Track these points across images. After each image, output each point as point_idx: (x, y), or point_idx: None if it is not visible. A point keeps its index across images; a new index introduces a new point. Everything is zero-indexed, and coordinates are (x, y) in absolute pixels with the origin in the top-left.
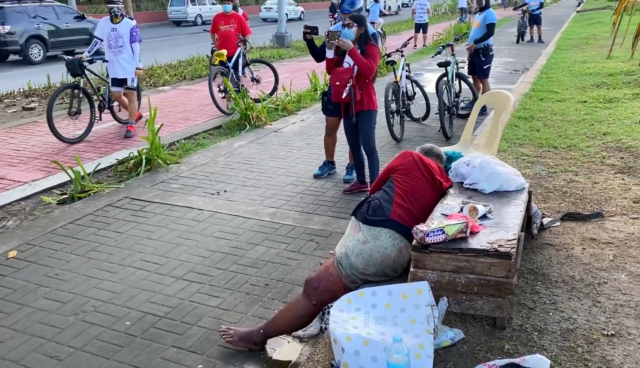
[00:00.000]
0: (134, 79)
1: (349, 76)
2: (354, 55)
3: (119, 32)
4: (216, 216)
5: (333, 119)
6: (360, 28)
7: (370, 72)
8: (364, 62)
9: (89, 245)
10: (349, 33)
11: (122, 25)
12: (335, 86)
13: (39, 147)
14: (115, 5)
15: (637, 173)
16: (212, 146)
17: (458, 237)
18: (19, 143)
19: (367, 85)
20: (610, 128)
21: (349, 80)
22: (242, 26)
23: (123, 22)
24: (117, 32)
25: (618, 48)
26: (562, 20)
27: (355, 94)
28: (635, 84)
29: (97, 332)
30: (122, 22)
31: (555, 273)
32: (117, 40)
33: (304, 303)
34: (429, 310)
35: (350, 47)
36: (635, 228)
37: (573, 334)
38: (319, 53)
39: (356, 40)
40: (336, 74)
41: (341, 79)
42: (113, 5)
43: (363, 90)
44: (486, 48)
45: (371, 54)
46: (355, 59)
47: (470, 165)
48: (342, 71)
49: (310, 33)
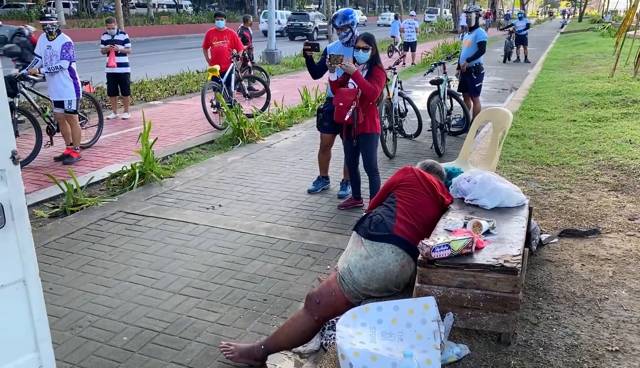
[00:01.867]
0: (71, 101)
1: (353, 97)
2: (357, 78)
3: (54, 50)
4: (212, 231)
5: (328, 136)
6: (373, 50)
7: (374, 95)
8: (367, 86)
9: (84, 258)
10: (364, 57)
11: (56, 42)
12: (338, 107)
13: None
14: (49, 21)
15: (630, 191)
16: (205, 161)
17: (464, 252)
18: None
19: (371, 108)
20: (601, 147)
21: (353, 102)
22: (235, 42)
23: (57, 39)
24: (52, 50)
25: (607, 69)
26: (547, 41)
27: (358, 117)
28: (623, 104)
29: (94, 348)
30: (57, 39)
31: (556, 289)
32: (51, 59)
33: (306, 318)
34: (435, 325)
35: (354, 71)
36: (632, 245)
37: (578, 350)
38: (317, 70)
39: (366, 62)
40: (340, 94)
41: (345, 100)
42: (46, 21)
43: (366, 112)
44: (478, 67)
45: (377, 76)
46: (358, 83)
47: (471, 181)
48: (346, 92)
49: (310, 50)
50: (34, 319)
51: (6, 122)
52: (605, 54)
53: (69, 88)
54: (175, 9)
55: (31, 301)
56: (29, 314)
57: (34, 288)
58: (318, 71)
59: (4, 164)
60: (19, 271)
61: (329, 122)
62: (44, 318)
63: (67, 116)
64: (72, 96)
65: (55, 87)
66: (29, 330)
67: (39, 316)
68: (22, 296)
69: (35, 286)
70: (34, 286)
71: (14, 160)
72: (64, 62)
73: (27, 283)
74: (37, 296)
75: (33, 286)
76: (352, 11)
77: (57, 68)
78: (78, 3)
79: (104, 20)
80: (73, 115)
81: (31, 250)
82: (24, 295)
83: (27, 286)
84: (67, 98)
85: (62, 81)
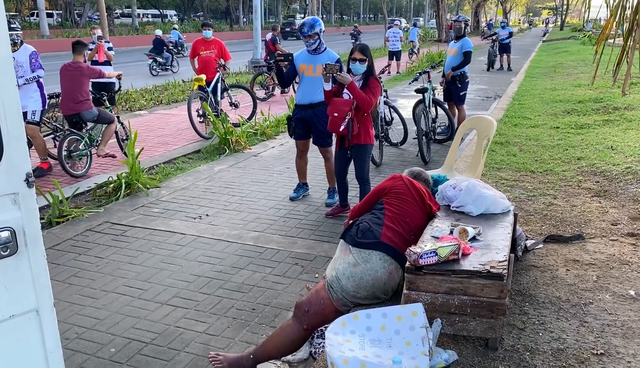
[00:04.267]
0: (35, 112)
1: (348, 108)
2: (352, 89)
3: (18, 60)
4: (199, 241)
5: (303, 142)
6: (369, 61)
7: (369, 106)
8: (362, 97)
9: (70, 270)
10: (360, 68)
11: (20, 53)
12: (332, 117)
13: None
14: (14, 32)
15: (612, 196)
16: (192, 170)
17: (450, 259)
18: None
19: (365, 119)
20: (583, 153)
21: (348, 112)
22: (223, 52)
23: (21, 49)
24: (16, 61)
25: (588, 76)
26: (529, 50)
27: (353, 128)
28: (604, 111)
29: (81, 360)
30: (21, 50)
31: (542, 294)
32: (16, 70)
33: (295, 327)
34: (423, 332)
35: (349, 81)
36: (615, 249)
37: (564, 354)
38: (288, 79)
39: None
40: (335, 104)
41: (339, 110)
42: (11, 32)
43: (361, 123)
44: (462, 75)
45: (372, 87)
46: (353, 93)
47: (457, 188)
48: (341, 102)
49: (283, 61)
50: (47, 351)
51: (21, 144)
52: (586, 62)
53: (34, 99)
54: (160, 18)
55: (44, 333)
56: (42, 346)
57: (48, 318)
58: (288, 80)
59: (17, 187)
60: (31, 301)
61: (301, 128)
62: (59, 350)
63: (27, 126)
64: (38, 106)
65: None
66: (42, 363)
67: (52, 348)
68: (35, 327)
69: (50, 316)
70: (48, 316)
71: (29, 183)
72: (40, 71)
73: (40, 313)
74: (51, 327)
75: (47, 317)
76: (318, 19)
77: (35, 78)
78: (62, 13)
79: (88, 30)
80: (34, 126)
81: (45, 278)
82: (36, 326)
83: (40, 316)
84: (31, 109)
85: (29, 91)
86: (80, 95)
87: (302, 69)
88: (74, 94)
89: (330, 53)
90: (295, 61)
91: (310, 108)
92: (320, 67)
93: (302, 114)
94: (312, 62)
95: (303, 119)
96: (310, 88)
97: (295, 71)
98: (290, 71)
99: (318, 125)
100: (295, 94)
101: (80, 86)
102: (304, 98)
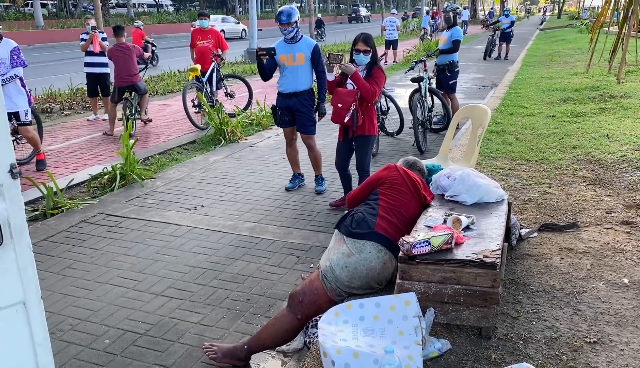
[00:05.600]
0: (27, 111)
1: (352, 99)
2: (356, 79)
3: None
4: (194, 231)
5: (290, 129)
6: (373, 52)
7: (373, 96)
8: (367, 87)
9: (64, 262)
10: (364, 59)
11: (1, 48)
12: (337, 108)
13: None
14: None
15: (607, 185)
16: (187, 161)
17: (444, 248)
18: None
19: (370, 109)
20: (579, 142)
21: (352, 103)
22: (220, 41)
23: (1, 44)
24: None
25: (584, 64)
26: (526, 38)
27: (358, 118)
28: (600, 99)
29: (75, 351)
30: (1, 45)
31: (536, 283)
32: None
33: (289, 317)
34: (416, 321)
35: (353, 71)
36: (609, 237)
37: (557, 342)
38: (268, 71)
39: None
40: (339, 95)
41: (344, 101)
42: None
43: (365, 114)
44: (451, 64)
45: (376, 77)
46: (357, 84)
47: (451, 178)
48: (345, 92)
49: (266, 55)
50: (35, 344)
51: (4, 135)
52: (583, 50)
53: (22, 96)
54: (155, 8)
55: (32, 325)
56: (30, 338)
57: (35, 310)
58: (269, 73)
59: (2, 178)
60: (18, 293)
61: (288, 116)
62: (47, 343)
63: (22, 129)
64: (27, 105)
65: (8, 98)
66: (30, 355)
67: (40, 340)
68: (22, 319)
69: (37, 308)
70: (35, 308)
71: (13, 174)
72: (18, 69)
73: (28, 305)
74: (39, 320)
75: (34, 309)
76: (295, 9)
77: (12, 77)
78: (56, 3)
79: (83, 21)
80: (27, 127)
81: (32, 270)
82: (24, 318)
83: (27, 308)
84: (23, 108)
85: (14, 90)
86: (134, 69)
87: (282, 60)
88: (129, 69)
89: (307, 40)
90: (276, 51)
91: (295, 96)
92: (300, 56)
93: (286, 103)
94: (290, 51)
95: (288, 107)
96: (293, 77)
97: (275, 63)
98: (269, 63)
99: (302, 112)
100: (278, 83)
101: (132, 62)
102: (288, 87)
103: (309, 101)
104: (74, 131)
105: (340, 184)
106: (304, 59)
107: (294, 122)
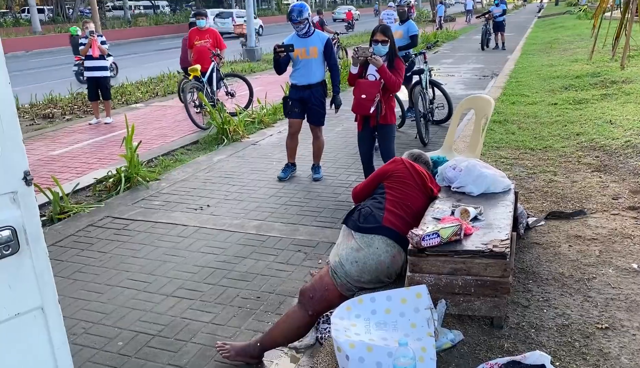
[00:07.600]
0: None
1: (377, 90)
2: (383, 72)
3: None
4: (201, 231)
5: (297, 122)
6: (391, 42)
7: (397, 87)
8: (392, 79)
9: (74, 266)
10: (383, 49)
11: None
12: (360, 99)
13: None
14: None
15: (612, 171)
16: (191, 162)
17: (453, 240)
18: None
19: (390, 99)
20: (582, 128)
21: (377, 94)
22: (218, 41)
23: None
24: None
25: (584, 50)
26: (525, 26)
27: (382, 109)
28: (602, 85)
29: (89, 354)
30: None
31: (545, 271)
32: None
33: (300, 314)
34: (428, 313)
35: (381, 64)
36: (617, 223)
37: (569, 329)
38: (283, 66)
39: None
40: (362, 86)
41: (368, 92)
42: None
43: (387, 104)
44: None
45: (398, 68)
46: (384, 76)
47: (457, 169)
48: (368, 84)
49: (283, 51)
50: (54, 348)
51: (18, 143)
52: (582, 37)
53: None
54: (152, 10)
55: (50, 330)
56: (49, 343)
57: (54, 315)
58: (284, 67)
59: (16, 186)
60: (36, 299)
61: (299, 108)
62: (66, 346)
63: None
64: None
65: None
66: (49, 359)
67: (59, 344)
68: (41, 324)
69: (55, 313)
70: (53, 313)
71: (27, 181)
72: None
73: (46, 310)
74: (57, 324)
75: (52, 314)
76: (305, 5)
77: None
78: (53, 8)
79: (80, 25)
80: None
81: (48, 275)
82: (42, 323)
83: (45, 313)
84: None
85: None
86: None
87: (297, 54)
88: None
89: (320, 34)
90: (291, 46)
91: (309, 89)
92: (313, 49)
93: (300, 95)
94: (304, 45)
95: (301, 99)
96: (307, 70)
97: (289, 57)
98: (284, 58)
99: (314, 104)
100: (292, 76)
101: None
102: (303, 79)
103: (321, 93)
104: (77, 136)
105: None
106: (317, 53)
107: (303, 114)
